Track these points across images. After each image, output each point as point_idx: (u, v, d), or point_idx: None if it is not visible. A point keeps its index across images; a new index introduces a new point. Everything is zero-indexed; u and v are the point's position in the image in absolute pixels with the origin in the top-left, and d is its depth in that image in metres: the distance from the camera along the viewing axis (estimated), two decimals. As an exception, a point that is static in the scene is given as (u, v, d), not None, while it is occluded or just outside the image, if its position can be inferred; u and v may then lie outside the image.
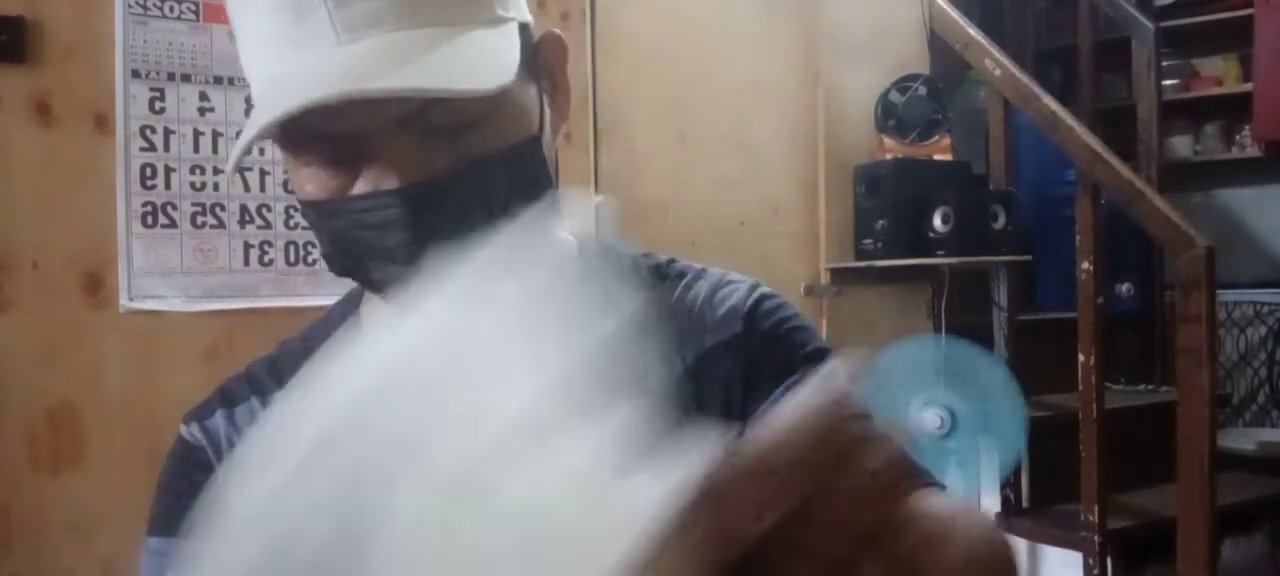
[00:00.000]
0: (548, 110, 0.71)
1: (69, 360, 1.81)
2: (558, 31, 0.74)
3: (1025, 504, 2.72)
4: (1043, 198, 3.26)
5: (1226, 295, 3.86)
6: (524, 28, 0.68)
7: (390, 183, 0.62)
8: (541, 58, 0.72)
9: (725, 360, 0.74)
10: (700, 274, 0.80)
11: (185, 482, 0.74)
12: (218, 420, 0.77)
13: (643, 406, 0.41)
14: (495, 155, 0.65)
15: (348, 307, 0.81)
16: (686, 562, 0.34)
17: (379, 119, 0.61)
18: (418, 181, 0.62)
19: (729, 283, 0.79)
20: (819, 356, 0.75)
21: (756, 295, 0.78)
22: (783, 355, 0.74)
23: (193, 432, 0.76)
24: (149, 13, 1.88)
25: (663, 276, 0.80)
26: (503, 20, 0.66)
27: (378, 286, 0.68)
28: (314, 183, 0.65)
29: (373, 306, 0.79)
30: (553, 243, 0.79)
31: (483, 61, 0.62)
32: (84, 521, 1.80)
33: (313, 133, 0.62)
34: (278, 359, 0.80)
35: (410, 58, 0.60)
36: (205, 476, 0.74)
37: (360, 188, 0.63)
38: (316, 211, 0.66)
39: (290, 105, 0.57)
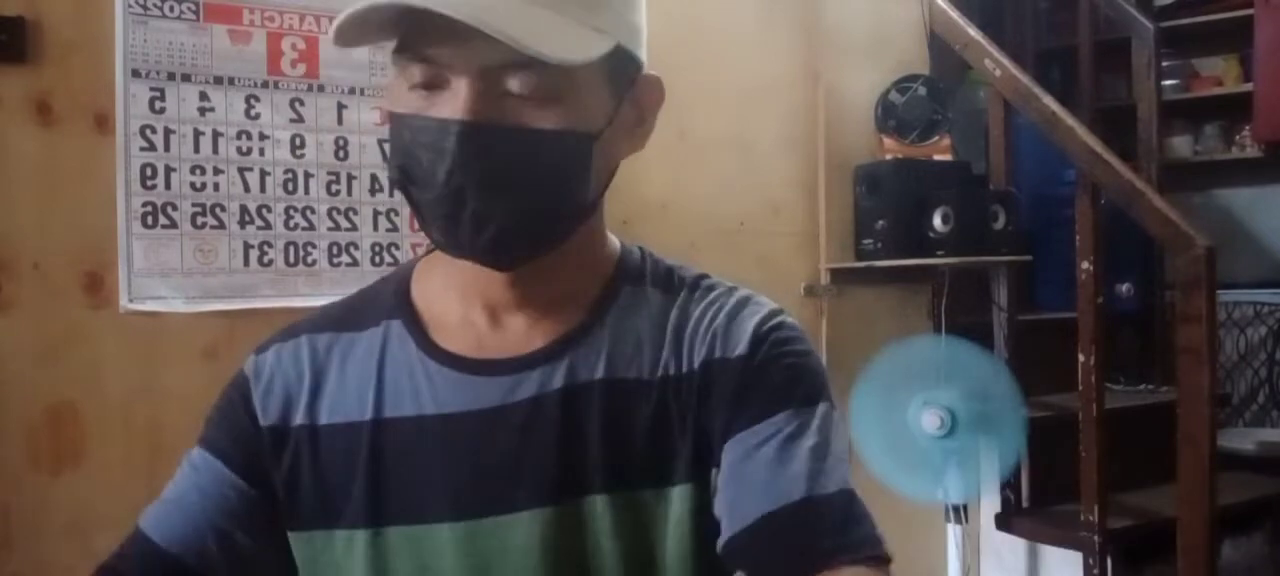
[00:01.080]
0: (619, 130, 0.81)
1: (69, 360, 1.81)
2: (660, 79, 0.84)
3: (1025, 504, 2.72)
4: (1043, 198, 3.26)
5: (1226, 295, 3.86)
6: (626, 52, 0.79)
7: (461, 114, 0.72)
8: (637, 89, 0.82)
9: (725, 375, 0.81)
10: (729, 292, 0.87)
11: (227, 405, 0.86)
12: (269, 355, 0.87)
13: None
14: (546, 132, 0.74)
15: (402, 272, 0.90)
16: None
17: (473, 57, 0.71)
18: (480, 122, 0.72)
19: (753, 304, 0.85)
20: (790, 403, 0.78)
21: (772, 322, 0.83)
22: (765, 393, 0.79)
23: (249, 364, 0.87)
24: (149, 12, 1.88)
25: (692, 289, 0.87)
26: (603, 32, 0.75)
27: (419, 203, 0.76)
28: (404, 98, 0.75)
29: (422, 282, 0.88)
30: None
31: (571, 45, 0.72)
32: (84, 521, 1.80)
33: (419, 48, 0.73)
34: (337, 307, 0.90)
35: (518, 15, 0.70)
36: (240, 397, 0.85)
37: (438, 112, 0.73)
38: (398, 122, 0.76)
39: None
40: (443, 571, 0.79)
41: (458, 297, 0.85)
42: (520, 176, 0.74)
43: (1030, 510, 2.72)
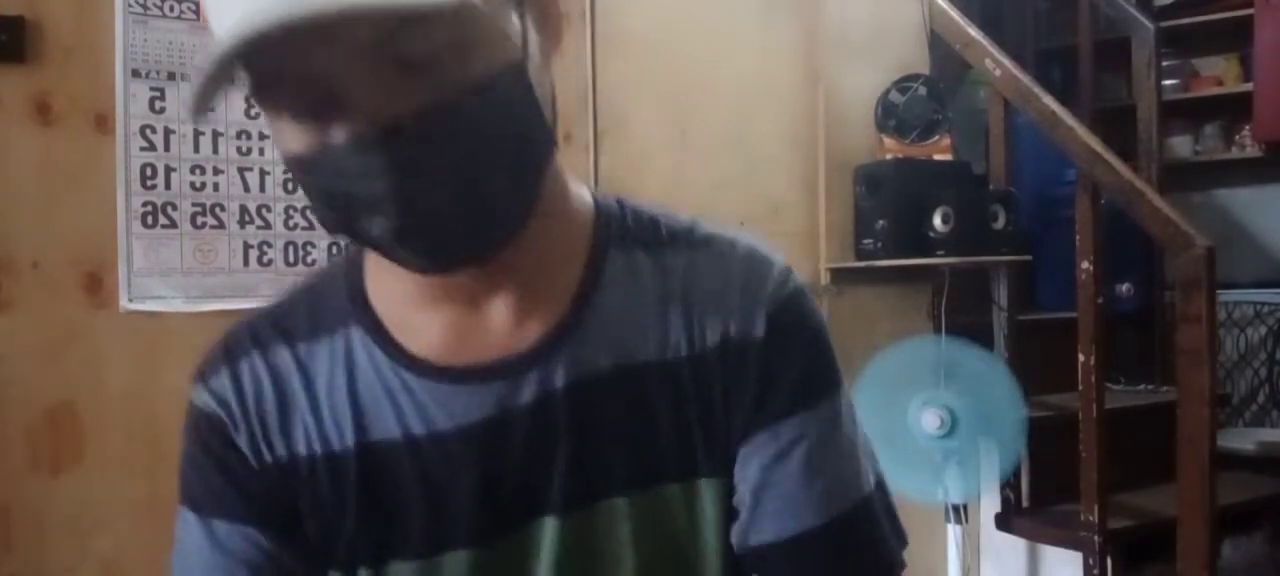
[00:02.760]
0: (534, 34, 0.67)
1: (69, 360, 1.81)
2: None
3: (1025, 504, 2.72)
4: (1043, 198, 3.26)
5: (1226, 295, 3.86)
6: None
7: (366, 125, 0.58)
8: None
9: (744, 364, 0.74)
10: (731, 245, 0.78)
11: (201, 450, 0.75)
12: (224, 380, 0.76)
13: None
14: (475, 85, 0.60)
15: (351, 264, 0.78)
16: None
17: (345, 52, 0.57)
18: (395, 118, 0.58)
19: (759, 262, 0.77)
20: (815, 395, 0.75)
21: (787, 291, 0.76)
22: (789, 387, 0.74)
23: (205, 400, 0.76)
24: (149, 12, 1.88)
25: (689, 244, 0.77)
26: None
27: (370, 241, 0.64)
28: (293, 136, 0.61)
29: (378, 277, 0.76)
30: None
31: None
32: (84, 521, 1.80)
33: (279, 77, 0.59)
34: (281, 311, 0.78)
35: None
36: (219, 441, 0.74)
37: (338, 136, 0.59)
38: (298, 166, 0.63)
39: (244, 30, 0.53)
40: None
41: (424, 290, 0.72)
42: (473, 148, 0.61)
43: (1030, 510, 2.72)
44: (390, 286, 0.74)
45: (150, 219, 1.88)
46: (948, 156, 2.74)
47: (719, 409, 0.74)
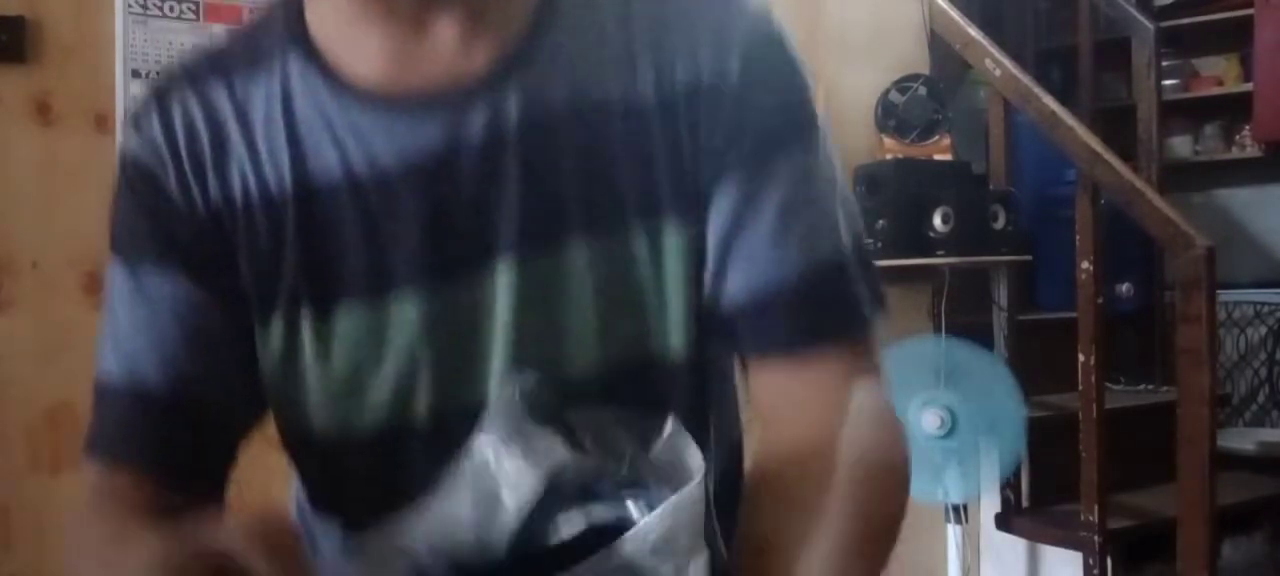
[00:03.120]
0: None
1: (69, 360, 1.81)
2: None
3: (1025, 504, 2.72)
4: (1043, 198, 3.26)
5: (1226, 295, 3.86)
6: None
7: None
8: None
9: (718, 106, 0.68)
10: None
11: (129, 196, 0.71)
12: (154, 123, 0.71)
13: None
14: None
15: (289, 6, 0.72)
16: None
17: None
18: None
19: None
20: (793, 141, 0.70)
21: (764, 31, 0.72)
22: (765, 133, 0.69)
23: (134, 145, 0.71)
24: (149, 12, 1.88)
25: None
26: None
27: None
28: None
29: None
30: None
31: None
32: (84, 521, 1.80)
33: None
34: (217, 48, 0.73)
35: None
36: (147, 187, 0.70)
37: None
38: None
39: None
40: (405, 349, 0.68)
41: (362, 8, 0.66)
42: None
43: (1030, 510, 2.72)
44: (327, 11, 0.69)
45: (150, 219, 1.88)
46: (948, 156, 2.74)
47: (686, 152, 0.69)
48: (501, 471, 0.62)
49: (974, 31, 2.74)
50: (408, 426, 0.69)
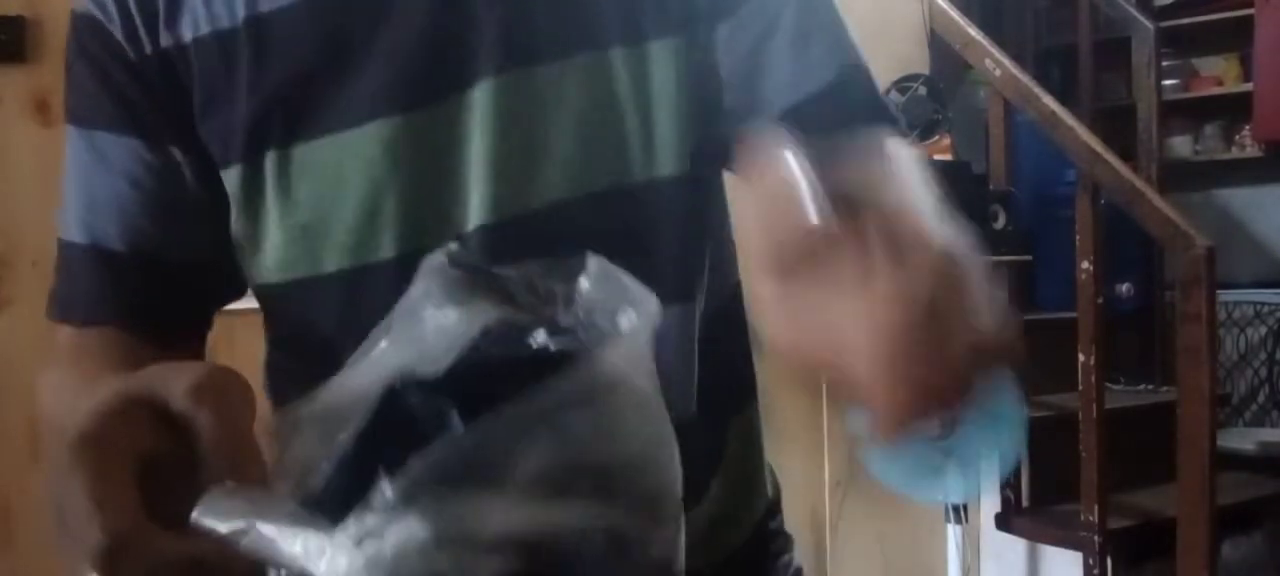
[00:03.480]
0: None
1: (69, 359, 1.81)
2: None
3: (1025, 504, 2.72)
4: (1043, 198, 3.26)
5: (1226, 295, 3.86)
6: None
7: None
8: None
9: None
10: None
11: (80, 56, 0.70)
12: None
13: None
14: None
15: None
16: None
17: None
18: None
19: None
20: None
21: None
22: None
23: (82, 2, 0.69)
24: (149, 12, 1.88)
25: None
26: None
27: None
28: None
29: None
30: None
31: None
32: (84, 520, 1.80)
33: None
34: None
35: None
36: (97, 44, 0.68)
37: None
38: None
39: None
40: (371, 185, 0.65)
41: None
42: None
43: (1030, 510, 2.72)
44: None
45: (150, 218, 1.88)
46: (948, 156, 2.74)
47: None
48: (431, 330, 0.59)
49: (974, 31, 2.74)
50: (374, 268, 0.67)
